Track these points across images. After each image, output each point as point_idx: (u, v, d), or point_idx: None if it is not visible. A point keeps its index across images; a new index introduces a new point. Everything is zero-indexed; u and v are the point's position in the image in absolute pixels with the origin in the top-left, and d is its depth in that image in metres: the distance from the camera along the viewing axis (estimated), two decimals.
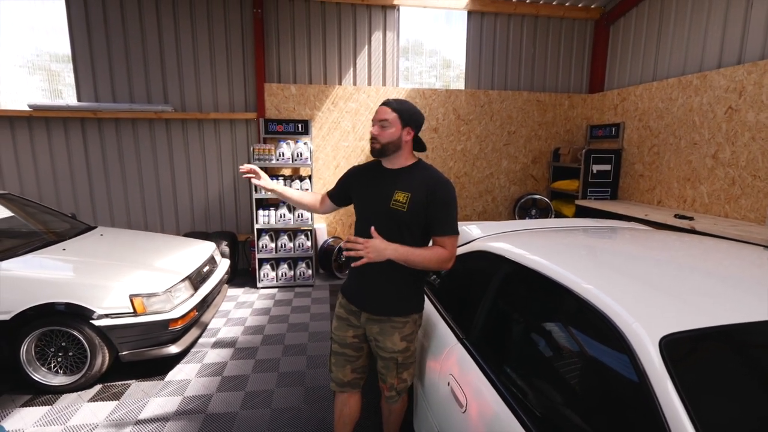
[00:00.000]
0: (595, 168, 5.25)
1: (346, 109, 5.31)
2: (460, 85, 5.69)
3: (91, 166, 5.17)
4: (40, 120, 5.00)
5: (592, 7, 5.51)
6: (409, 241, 1.69)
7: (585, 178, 5.27)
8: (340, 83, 5.36)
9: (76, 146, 5.12)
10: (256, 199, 4.78)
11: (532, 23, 5.59)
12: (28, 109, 4.86)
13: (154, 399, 2.75)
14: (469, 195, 5.82)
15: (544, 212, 5.79)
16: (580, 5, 5.49)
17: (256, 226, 4.80)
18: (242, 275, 5.34)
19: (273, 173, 5.16)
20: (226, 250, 4.91)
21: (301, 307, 4.35)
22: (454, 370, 1.64)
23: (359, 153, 5.45)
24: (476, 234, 2.21)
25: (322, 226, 5.42)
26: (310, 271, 4.98)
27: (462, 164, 5.70)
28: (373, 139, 1.70)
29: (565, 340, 1.35)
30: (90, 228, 3.87)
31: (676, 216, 4.15)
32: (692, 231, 3.71)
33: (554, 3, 5.44)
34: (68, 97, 5.13)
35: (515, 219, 5.79)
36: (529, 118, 5.72)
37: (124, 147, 5.19)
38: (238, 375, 3.04)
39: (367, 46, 5.34)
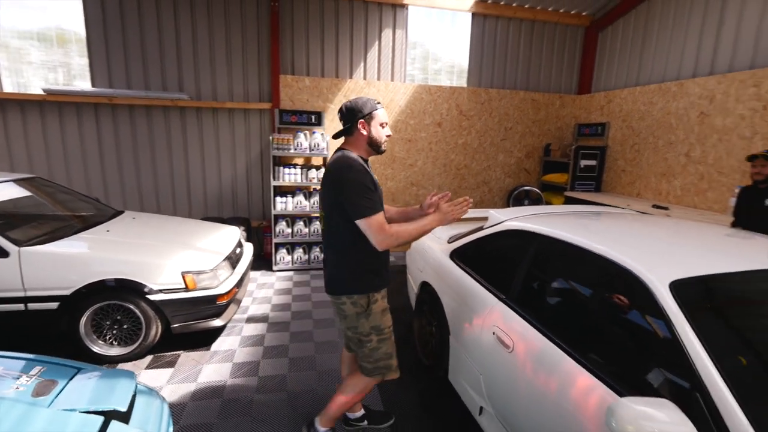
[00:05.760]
0: (583, 163, 5.79)
1: None
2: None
3: (105, 152, 5.27)
4: (52, 104, 5.05)
5: (583, 14, 5.99)
6: None
7: (573, 171, 5.81)
8: (351, 77, 5.64)
9: (89, 132, 5.19)
10: (274, 186, 5.03)
11: (530, 27, 6.03)
12: (41, 93, 4.91)
13: (207, 365, 3.05)
14: (468, 186, 6.26)
15: (535, 203, 6.30)
16: (572, 12, 5.96)
17: (274, 212, 5.06)
18: (256, 259, 5.59)
19: (287, 162, 5.41)
20: (244, 235, 5.15)
21: (320, 287, 4.68)
22: (499, 322, 2.04)
23: None
24: (503, 217, 2.62)
25: None
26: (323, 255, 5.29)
27: (463, 157, 6.12)
28: (387, 139, 1.98)
29: (596, 290, 1.77)
30: (119, 212, 4.04)
31: (653, 206, 4.72)
32: None
33: (550, 9, 5.88)
34: (78, 80, 5.17)
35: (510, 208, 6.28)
36: (525, 115, 6.19)
37: (138, 133, 5.30)
38: (278, 344, 3.37)
39: (377, 42, 5.64)
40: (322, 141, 5.10)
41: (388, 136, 1.98)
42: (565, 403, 1.55)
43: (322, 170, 5.18)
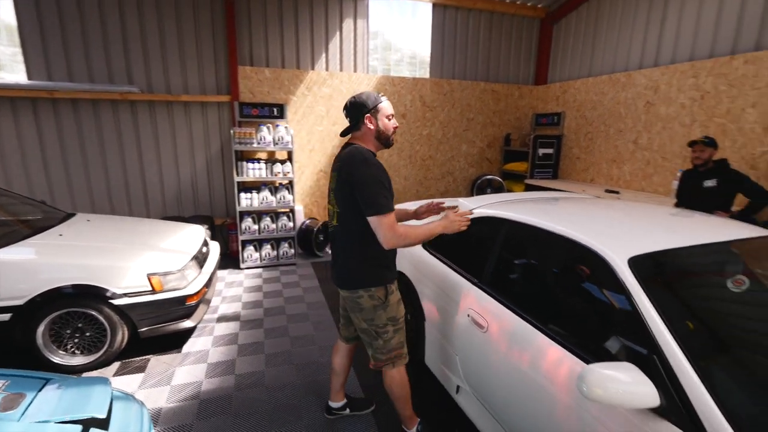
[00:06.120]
0: (541, 151, 6.07)
1: (320, 94, 5.53)
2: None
3: (47, 151, 4.89)
4: None
5: (539, 6, 6.21)
6: None
7: (532, 160, 6.07)
8: (313, 68, 5.55)
9: (27, 129, 4.79)
10: (237, 182, 4.89)
11: (488, 19, 6.18)
12: None
13: (180, 368, 2.96)
14: (433, 176, 6.38)
15: (497, 191, 6.53)
16: (528, 4, 6.17)
17: (239, 209, 4.93)
18: (222, 258, 5.43)
19: (250, 156, 5.26)
20: (208, 233, 4.97)
21: (291, 283, 4.64)
22: (473, 305, 2.14)
23: (333, 137, 5.72)
24: (472, 205, 2.72)
25: (299, 208, 5.66)
26: (292, 251, 5.24)
27: (427, 148, 6.22)
28: (394, 131, 1.97)
29: (562, 269, 1.90)
30: (70, 214, 3.79)
31: (606, 191, 5.05)
32: None
33: (507, 1, 6.05)
34: (5, 72, 4.74)
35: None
36: (486, 106, 6.37)
37: (85, 130, 4.96)
38: (253, 342, 3.32)
39: (338, 33, 5.57)
40: (287, 134, 5.00)
41: (395, 127, 1.96)
42: (538, 374, 1.67)
43: (288, 164, 5.09)
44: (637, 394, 1.20)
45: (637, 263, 1.55)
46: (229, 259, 5.30)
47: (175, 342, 3.30)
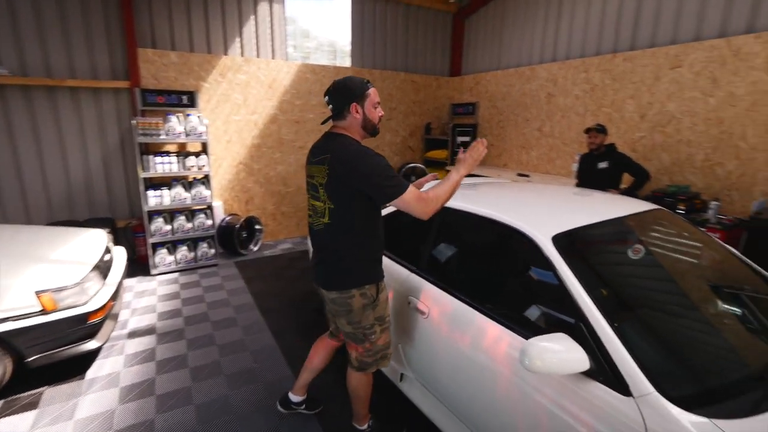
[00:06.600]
0: (459, 139, 6.38)
1: (236, 81, 5.13)
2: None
3: None
4: None
5: (451, 1, 6.45)
6: None
7: (452, 147, 6.36)
8: (226, 53, 5.12)
9: None
10: (144, 178, 4.35)
11: (405, 11, 6.26)
12: None
13: (84, 397, 2.56)
14: None
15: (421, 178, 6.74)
16: None
17: (146, 209, 4.39)
18: (129, 264, 4.81)
19: (157, 149, 4.71)
20: (110, 237, 4.36)
21: (213, 286, 4.29)
22: (413, 292, 2.17)
23: (252, 127, 5.38)
24: None
25: (218, 204, 5.23)
26: (213, 251, 4.84)
27: None
28: (380, 120, 1.87)
29: (493, 251, 2.01)
30: None
31: (518, 174, 5.50)
32: None
33: None
34: None
35: None
36: (406, 96, 6.49)
37: None
38: (174, 356, 3.01)
39: (253, 16, 5.20)
40: (200, 124, 4.56)
41: (381, 116, 1.85)
42: (479, 353, 1.75)
43: (203, 157, 4.65)
44: (570, 361, 1.31)
45: (559, 240, 1.69)
46: (138, 266, 4.72)
47: (76, 367, 2.84)
